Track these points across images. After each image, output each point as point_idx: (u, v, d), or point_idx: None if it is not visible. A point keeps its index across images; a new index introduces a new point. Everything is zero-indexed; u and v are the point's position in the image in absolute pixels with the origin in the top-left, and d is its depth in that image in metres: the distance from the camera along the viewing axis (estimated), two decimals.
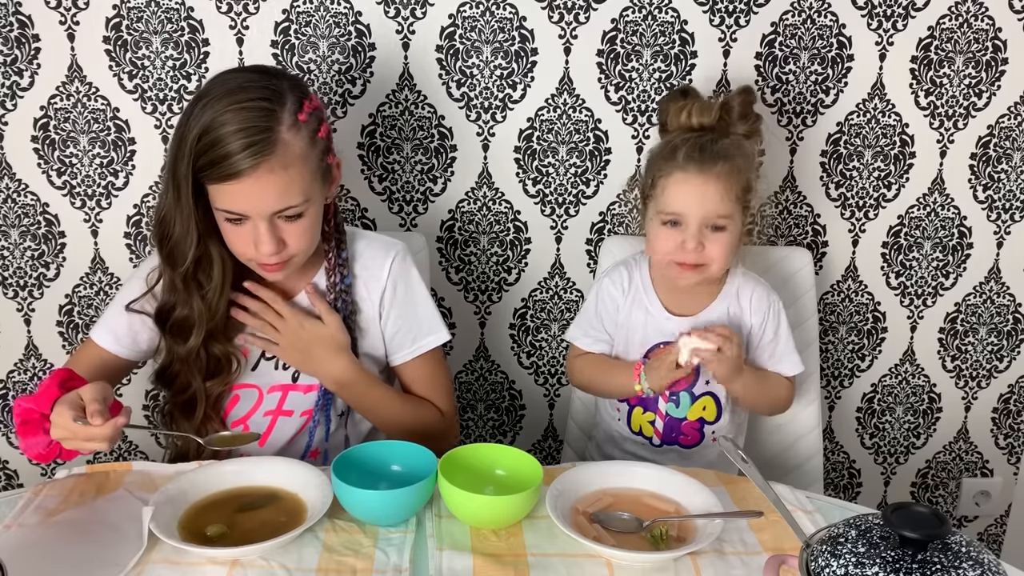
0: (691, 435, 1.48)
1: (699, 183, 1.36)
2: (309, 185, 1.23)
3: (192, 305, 1.29)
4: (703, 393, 1.47)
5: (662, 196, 1.39)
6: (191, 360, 1.31)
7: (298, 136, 1.21)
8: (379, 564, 1.03)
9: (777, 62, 1.68)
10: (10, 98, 1.63)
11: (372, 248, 1.40)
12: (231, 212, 1.21)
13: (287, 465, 1.19)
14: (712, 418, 1.48)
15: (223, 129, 1.16)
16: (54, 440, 1.13)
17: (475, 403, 1.88)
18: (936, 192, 1.77)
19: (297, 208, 1.22)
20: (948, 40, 1.68)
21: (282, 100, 1.20)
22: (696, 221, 1.36)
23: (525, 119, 1.69)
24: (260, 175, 1.17)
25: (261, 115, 1.18)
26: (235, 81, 1.21)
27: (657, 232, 1.41)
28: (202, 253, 1.27)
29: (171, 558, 1.03)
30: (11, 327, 1.76)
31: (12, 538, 1.07)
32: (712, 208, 1.36)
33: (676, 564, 1.04)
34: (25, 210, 1.69)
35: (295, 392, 1.38)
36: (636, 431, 1.50)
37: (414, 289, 1.40)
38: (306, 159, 1.22)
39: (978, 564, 0.78)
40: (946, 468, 1.98)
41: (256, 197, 1.19)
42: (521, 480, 1.15)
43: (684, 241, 1.37)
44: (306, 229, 1.25)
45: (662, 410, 1.48)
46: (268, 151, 1.17)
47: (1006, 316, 1.87)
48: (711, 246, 1.38)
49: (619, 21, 1.64)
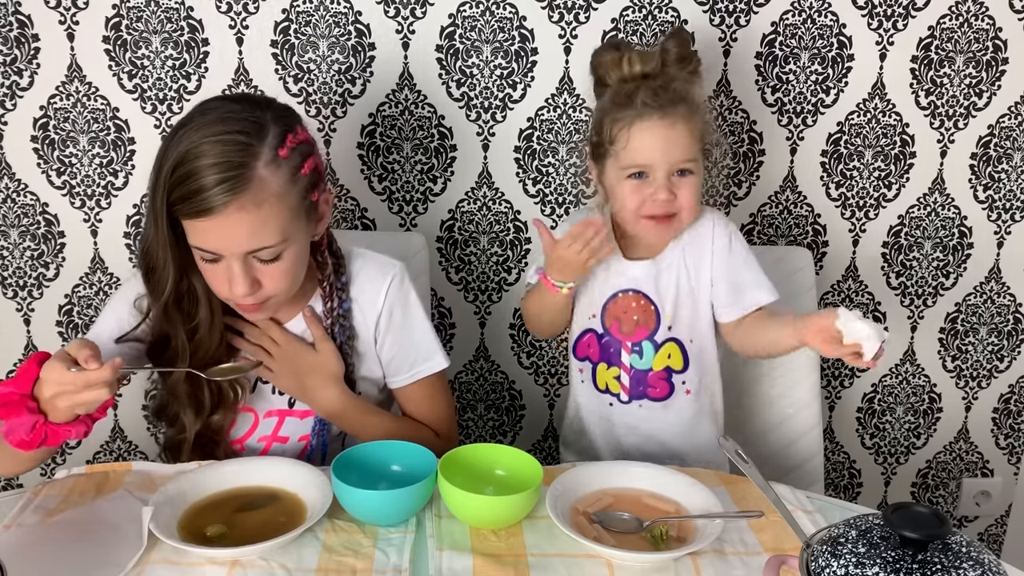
0: (659, 387, 1.42)
1: (663, 128, 1.30)
2: (287, 224, 1.16)
3: (179, 337, 1.24)
4: (666, 340, 1.41)
5: (624, 149, 1.32)
6: (182, 392, 1.27)
7: (276, 173, 1.13)
8: (379, 564, 1.03)
9: (777, 62, 1.68)
10: (10, 98, 1.63)
11: (368, 270, 1.34)
12: (203, 250, 1.15)
13: (287, 465, 1.19)
14: (679, 366, 1.42)
15: (197, 162, 1.10)
16: (39, 423, 1.09)
17: (475, 403, 1.88)
18: (936, 192, 1.77)
19: (273, 249, 1.15)
20: (948, 40, 1.68)
21: (262, 134, 1.14)
22: (664, 169, 1.31)
23: (525, 119, 1.69)
24: (231, 213, 1.10)
25: (237, 149, 1.11)
26: (216, 112, 1.15)
27: (623, 188, 1.34)
28: (187, 289, 1.23)
29: (171, 558, 1.02)
30: (11, 327, 1.75)
31: (12, 538, 1.06)
32: (679, 153, 1.31)
33: (676, 564, 1.04)
34: (25, 210, 1.69)
35: (292, 418, 1.35)
36: (603, 389, 1.45)
37: (411, 315, 1.35)
38: (283, 197, 1.14)
39: (978, 564, 0.78)
40: (946, 468, 1.98)
41: (227, 236, 1.13)
42: (521, 480, 1.15)
43: (654, 191, 1.32)
44: (284, 271, 1.19)
45: (626, 363, 1.42)
46: (241, 187, 1.10)
47: (1006, 316, 1.87)
48: (681, 193, 1.32)
49: (619, 21, 1.64)
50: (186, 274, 1.22)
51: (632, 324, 1.42)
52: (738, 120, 1.71)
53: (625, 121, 1.32)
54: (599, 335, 1.44)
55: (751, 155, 1.73)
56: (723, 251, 1.40)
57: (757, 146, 1.73)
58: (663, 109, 1.30)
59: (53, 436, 1.11)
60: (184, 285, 1.22)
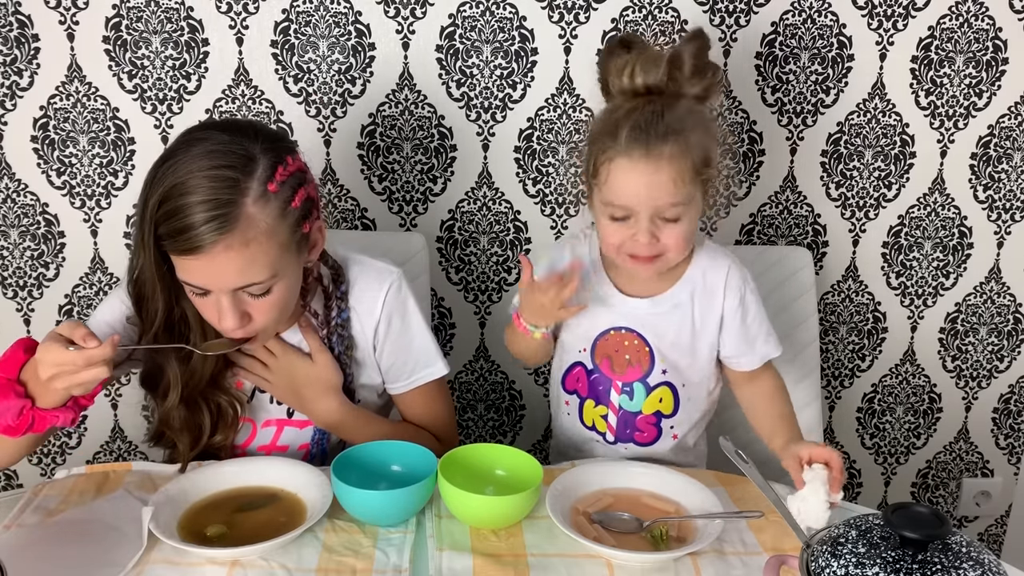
0: (647, 431, 1.36)
1: (646, 171, 1.19)
2: (276, 259, 1.13)
3: (170, 365, 1.22)
4: (659, 384, 1.34)
5: (606, 186, 1.22)
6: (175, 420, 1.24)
7: (265, 209, 1.10)
8: (379, 564, 1.03)
9: (777, 62, 1.68)
10: (10, 98, 1.63)
11: (366, 278, 1.31)
12: (192, 285, 1.13)
13: (287, 465, 1.19)
14: (669, 411, 1.35)
15: (184, 199, 1.07)
16: (26, 407, 1.08)
17: (475, 403, 1.88)
18: (936, 192, 1.77)
19: (262, 285, 1.13)
20: (948, 40, 1.68)
21: (251, 168, 1.10)
22: (647, 214, 1.21)
23: (525, 119, 1.68)
24: (219, 252, 1.08)
25: (226, 186, 1.07)
26: (204, 144, 1.11)
27: (605, 225, 1.25)
28: (179, 316, 1.21)
29: (171, 558, 1.02)
30: (11, 327, 1.75)
31: (12, 538, 1.06)
32: (664, 199, 1.20)
33: (676, 564, 1.04)
34: (25, 210, 1.69)
35: (291, 427, 1.34)
36: (589, 426, 1.38)
37: (410, 322, 1.33)
38: (273, 234, 1.11)
39: (978, 564, 0.78)
40: (946, 468, 1.98)
41: (216, 273, 1.10)
42: (521, 480, 1.15)
43: (635, 234, 1.22)
44: (274, 304, 1.16)
45: (615, 403, 1.35)
46: (228, 227, 1.07)
47: (1006, 316, 1.87)
48: (665, 236, 1.23)
49: (619, 21, 1.64)
50: (177, 302, 1.20)
51: (624, 364, 1.34)
52: (738, 120, 1.71)
53: (608, 155, 1.21)
54: (588, 370, 1.37)
55: (751, 155, 1.73)
56: (736, 307, 1.32)
57: (757, 146, 1.73)
58: (649, 147, 1.18)
59: (40, 421, 1.10)
60: (176, 313, 1.21)
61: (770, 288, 1.65)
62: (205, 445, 1.26)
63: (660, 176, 1.19)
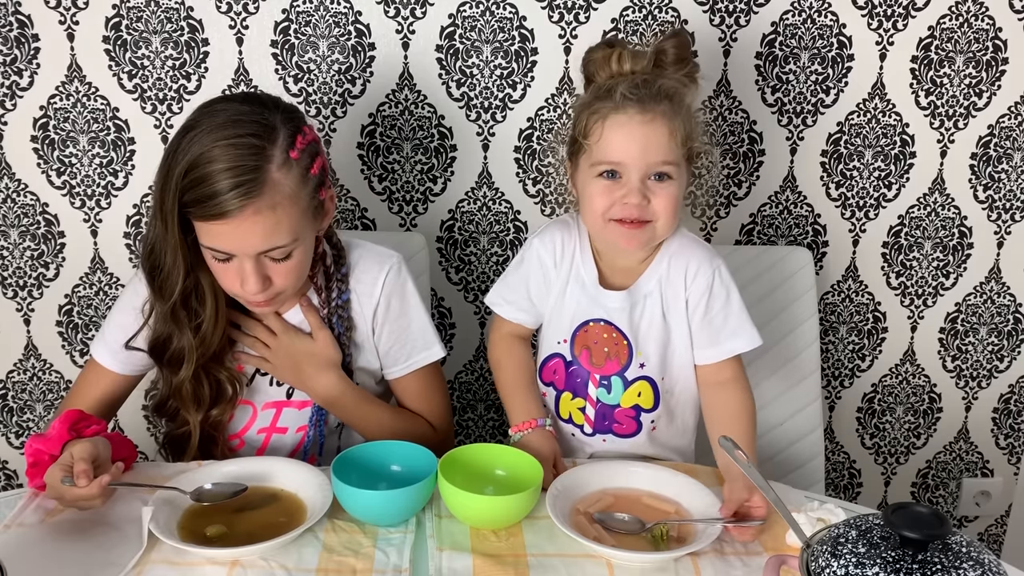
0: (626, 423, 1.34)
1: (641, 124, 1.19)
2: (298, 224, 1.18)
3: (184, 336, 1.25)
4: (637, 378, 1.32)
5: (597, 144, 1.21)
6: (186, 391, 1.27)
7: (289, 175, 1.15)
8: (379, 564, 1.03)
9: (777, 62, 1.68)
10: (10, 98, 1.63)
11: (367, 260, 1.34)
12: (217, 250, 1.17)
13: (287, 465, 1.19)
14: (649, 405, 1.33)
15: (211, 166, 1.11)
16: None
17: (475, 403, 1.88)
18: (936, 192, 1.77)
19: (285, 248, 1.18)
20: (948, 40, 1.68)
21: (274, 136, 1.15)
22: (639, 170, 1.20)
23: (525, 119, 1.68)
24: (247, 216, 1.12)
25: (251, 153, 1.12)
26: (225, 114, 1.15)
27: (592, 187, 1.24)
28: (194, 285, 1.24)
29: (171, 558, 1.03)
30: (11, 327, 1.75)
31: (12, 538, 1.07)
32: (656, 154, 1.20)
33: (676, 564, 1.04)
34: (25, 210, 1.69)
35: (289, 408, 1.36)
36: (566, 418, 1.37)
37: (409, 304, 1.35)
38: (296, 198, 1.16)
39: (978, 564, 0.78)
40: (946, 468, 1.98)
41: (242, 238, 1.15)
42: (521, 480, 1.15)
43: (625, 194, 1.21)
44: (293, 268, 1.21)
45: (592, 396, 1.33)
46: (256, 192, 1.12)
47: (1006, 316, 1.87)
48: (656, 199, 1.21)
49: (619, 21, 1.64)
50: (193, 272, 1.23)
51: (603, 356, 1.33)
52: (738, 120, 1.71)
53: (601, 113, 1.22)
54: (567, 362, 1.35)
55: (751, 155, 1.73)
56: (701, 291, 1.29)
57: (757, 146, 1.73)
58: (643, 103, 1.20)
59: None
60: (191, 283, 1.24)
61: (770, 288, 1.65)
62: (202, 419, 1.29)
63: (653, 129, 1.20)
